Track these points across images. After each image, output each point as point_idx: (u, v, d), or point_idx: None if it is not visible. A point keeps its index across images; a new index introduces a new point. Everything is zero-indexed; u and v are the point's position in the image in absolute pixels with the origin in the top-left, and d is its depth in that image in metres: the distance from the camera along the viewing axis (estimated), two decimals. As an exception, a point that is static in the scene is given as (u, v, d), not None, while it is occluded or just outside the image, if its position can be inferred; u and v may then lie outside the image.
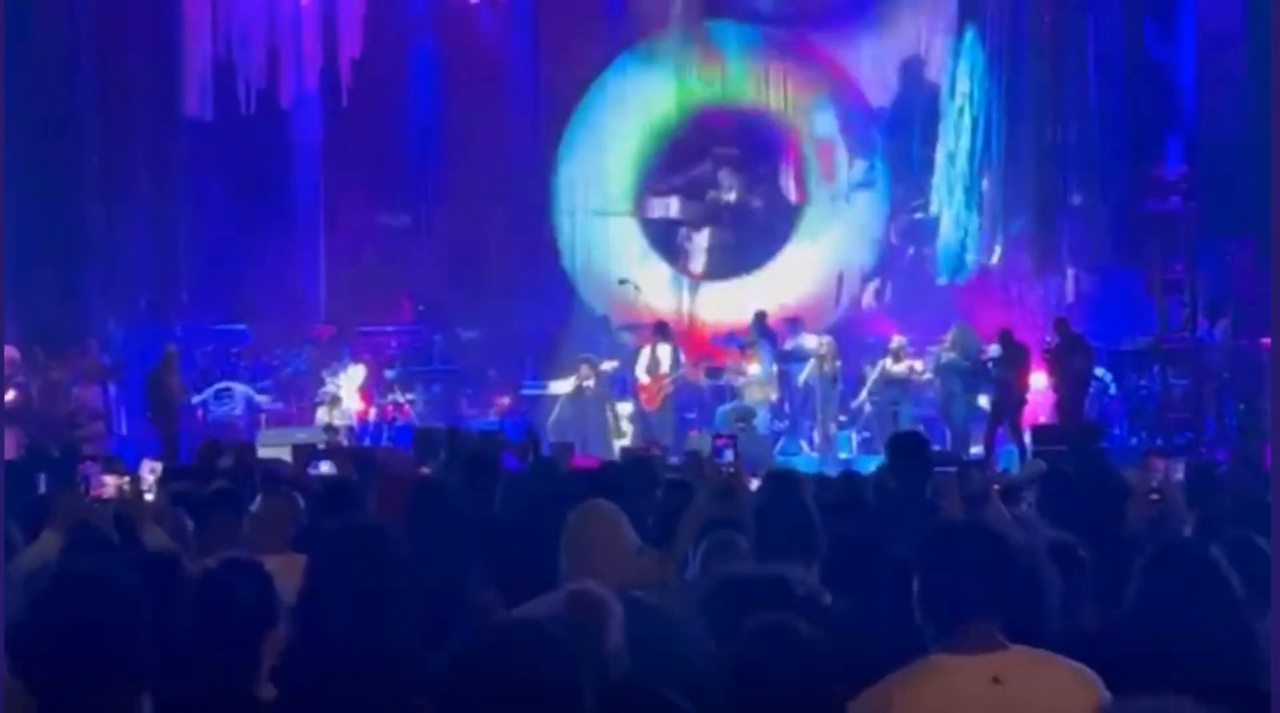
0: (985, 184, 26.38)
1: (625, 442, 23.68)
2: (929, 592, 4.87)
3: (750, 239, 28.58)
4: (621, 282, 27.75)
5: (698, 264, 28.78)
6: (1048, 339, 23.19)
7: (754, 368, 25.09)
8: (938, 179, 26.81)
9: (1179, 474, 10.12)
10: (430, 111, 28.31)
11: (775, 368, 25.18)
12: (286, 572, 5.83)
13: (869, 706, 4.73)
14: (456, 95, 28.16)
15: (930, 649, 4.83)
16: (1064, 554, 6.41)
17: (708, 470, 8.73)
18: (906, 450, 9.58)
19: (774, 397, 25.05)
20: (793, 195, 28.57)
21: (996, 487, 8.76)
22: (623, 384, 25.71)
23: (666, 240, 28.86)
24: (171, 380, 23.03)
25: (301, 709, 4.57)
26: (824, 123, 28.37)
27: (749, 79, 28.57)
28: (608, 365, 25.75)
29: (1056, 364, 22.62)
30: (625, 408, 25.37)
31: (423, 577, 6.00)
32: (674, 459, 17.19)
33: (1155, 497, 8.50)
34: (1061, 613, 5.94)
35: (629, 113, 28.59)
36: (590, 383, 25.10)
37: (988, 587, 4.81)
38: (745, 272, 28.31)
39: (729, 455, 8.74)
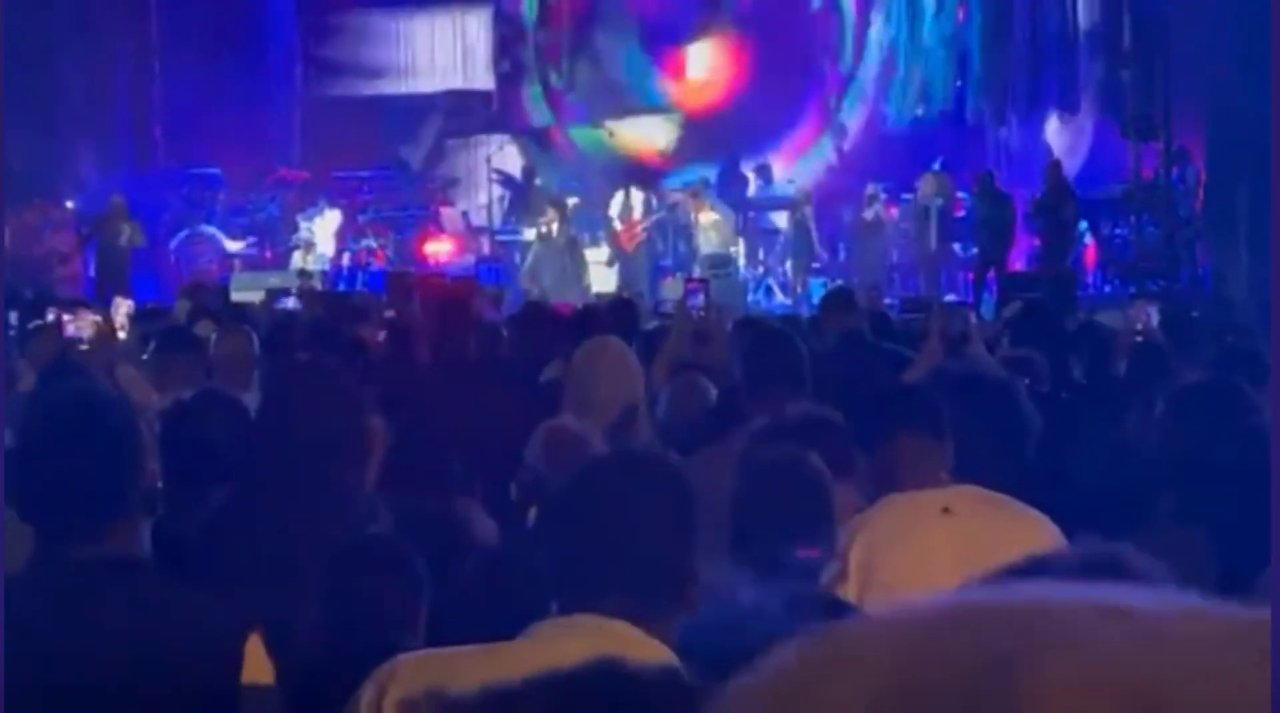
0: (960, 24, 26.31)
1: (600, 288, 23.65)
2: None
3: (727, 82, 28.32)
4: (596, 126, 27.56)
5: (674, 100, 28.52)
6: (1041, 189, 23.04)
7: (706, 214, 24.98)
8: (913, 24, 26.74)
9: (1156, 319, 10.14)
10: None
11: (733, 213, 25.09)
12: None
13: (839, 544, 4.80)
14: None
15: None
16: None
17: (678, 314, 8.82)
18: (835, 304, 9.64)
19: (732, 242, 24.94)
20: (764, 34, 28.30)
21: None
22: (595, 228, 25.67)
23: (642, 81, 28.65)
24: (119, 228, 22.77)
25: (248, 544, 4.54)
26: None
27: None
28: (571, 201, 25.70)
29: (1043, 212, 22.50)
30: (600, 254, 25.30)
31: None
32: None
33: (1139, 339, 8.55)
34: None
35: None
36: (555, 226, 25.05)
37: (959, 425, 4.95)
38: (718, 112, 28.08)
39: (699, 300, 8.83)
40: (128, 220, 22.91)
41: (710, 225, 24.88)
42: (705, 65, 28.18)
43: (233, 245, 25.28)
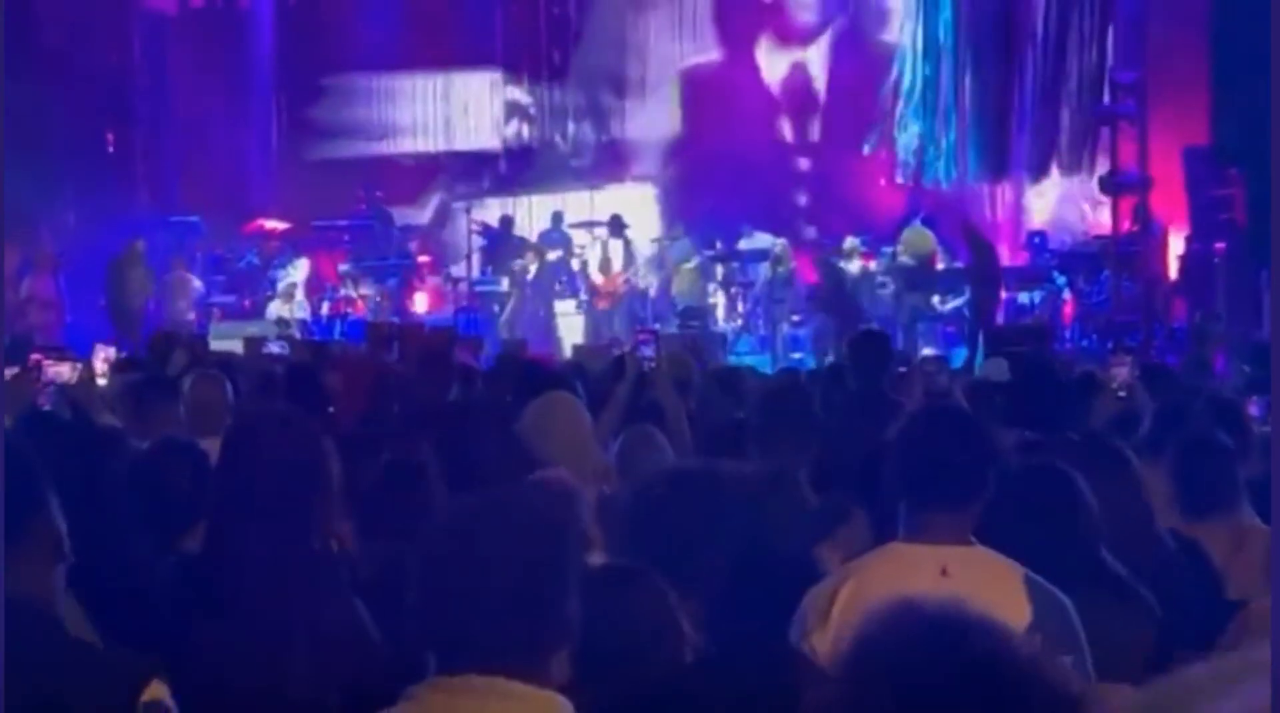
0: (943, 85, 26.41)
1: (576, 339, 23.64)
2: (903, 473, 4.76)
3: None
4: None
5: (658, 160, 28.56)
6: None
7: (687, 264, 25.08)
8: (898, 80, 26.87)
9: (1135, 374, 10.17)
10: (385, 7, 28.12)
11: (697, 261, 25.13)
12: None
13: (822, 592, 4.66)
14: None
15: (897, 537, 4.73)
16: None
17: (628, 365, 8.88)
18: (866, 347, 9.47)
19: (705, 291, 25.03)
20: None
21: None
22: (572, 280, 25.69)
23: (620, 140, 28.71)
24: (134, 273, 22.87)
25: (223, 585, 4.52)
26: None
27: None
28: (552, 255, 25.70)
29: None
30: (570, 305, 25.27)
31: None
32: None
33: (1122, 394, 8.55)
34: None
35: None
36: (533, 268, 25.05)
37: (962, 476, 4.65)
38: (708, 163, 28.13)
39: (649, 351, 8.92)
40: (144, 266, 22.97)
41: (682, 272, 25.03)
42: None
43: (199, 283, 25.10)
